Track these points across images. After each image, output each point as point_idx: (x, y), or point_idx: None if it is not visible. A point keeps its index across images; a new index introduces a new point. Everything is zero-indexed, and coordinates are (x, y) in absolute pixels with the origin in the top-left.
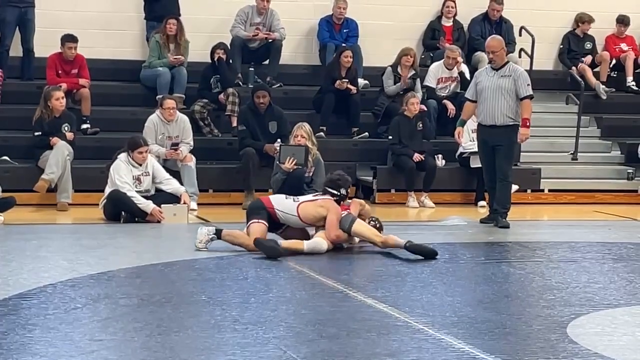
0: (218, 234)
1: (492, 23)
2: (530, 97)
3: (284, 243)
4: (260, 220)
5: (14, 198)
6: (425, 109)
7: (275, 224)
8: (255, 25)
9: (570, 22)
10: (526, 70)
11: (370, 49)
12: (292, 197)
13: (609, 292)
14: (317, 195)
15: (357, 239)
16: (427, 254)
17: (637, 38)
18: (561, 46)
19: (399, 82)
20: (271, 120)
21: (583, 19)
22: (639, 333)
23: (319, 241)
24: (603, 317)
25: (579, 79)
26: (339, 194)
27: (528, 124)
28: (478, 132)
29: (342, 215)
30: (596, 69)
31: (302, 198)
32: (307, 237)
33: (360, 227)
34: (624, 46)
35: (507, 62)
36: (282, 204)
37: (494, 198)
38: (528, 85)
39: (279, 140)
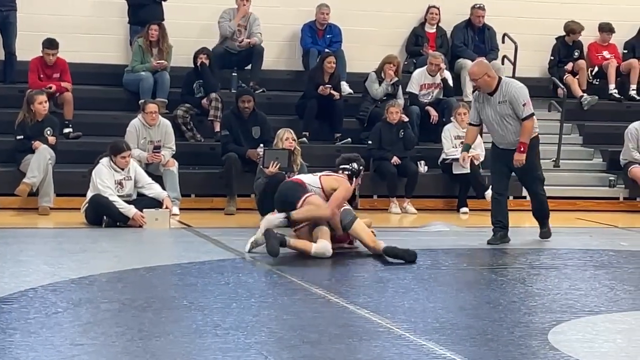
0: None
1: (476, 30)
2: (531, 117)
3: (293, 241)
4: (311, 193)
5: None
6: (407, 119)
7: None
8: (238, 27)
9: (553, 29)
10: (508, 76)
11: (354, 54)
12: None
13: (590, 299)
14: (334, 173)
15: (356, 242)
16: (406, 257)
17: (619, 46)
18: (552, 57)
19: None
20: (255, 125)
21: (574, 30)
22: (620, 340)
23: (326, 246)
24: (584, 324)
25: (562, 85)
26: (350, 167)
27: (522, 148)
28: (493, 149)
29: (346, 208)
30: (576, 77)
31: (319, 173)
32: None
33: (359, 227)
34: (606, 54)
35: (499, 81)
36: (307, 178)
37: (497, 210)
38: (524, 105)
39: (261, 145)
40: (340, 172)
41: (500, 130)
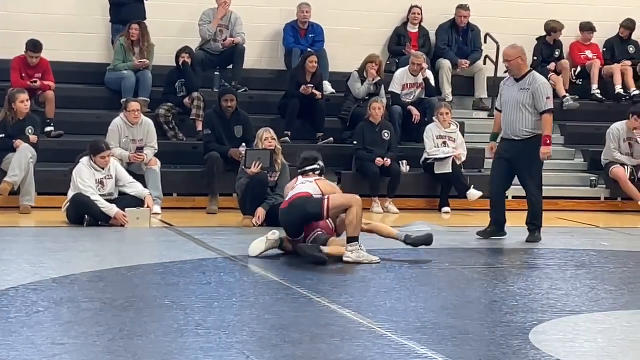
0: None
1: (460, 31)
2: (551, 112)
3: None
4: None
5: None
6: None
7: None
8: (220, 27)
9: (535, 29)
10: (490, 77)
11: (336, 54)
12: (298, 182)
13: (571, 298)
14: (302, 178)
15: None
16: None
17: (602, 45)
18: (535, 58)
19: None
20: (237, 124)
21: (555, 29)
22: (601, 339)
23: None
24: (565, 323)
25: None
26: (320, 166)
27: (549, 141)
28: (499, 144)
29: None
30: (559, 77)
31: (312, 179)
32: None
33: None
34: (589, 53)
35: (530, 71)
36: (308, 188)
37: (496, 209)
38: (548, 98)
39: (243, 144)
40: (311, 173)
41: (513, 116)
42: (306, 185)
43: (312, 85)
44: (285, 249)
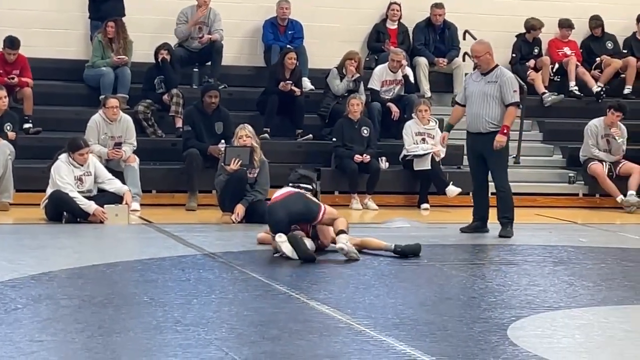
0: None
1: (436, 29)
2: (517, 105)
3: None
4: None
5: None
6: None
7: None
8: (198, 25)
9: (514, 26)
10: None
11: (316, 50)
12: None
13: (549, 294)
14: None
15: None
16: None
17: (580, 42)
18: (514, 55)
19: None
20: (218, 120)
21: (535, 26)
22: (579, 335)
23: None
24: (543, 319)
25: (522, 82)
26: (313, 188)
27: (506, 131)
28: (466, 140)
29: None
30: (538, 73)
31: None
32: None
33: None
34: (567, 50)
35: (496, 66)
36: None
37: (478, 205)
38: (515, 91)
39: (223, 141)
40: (303, 190)
41: (479, 109)
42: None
43: (291, 82)
44: (266, 242)
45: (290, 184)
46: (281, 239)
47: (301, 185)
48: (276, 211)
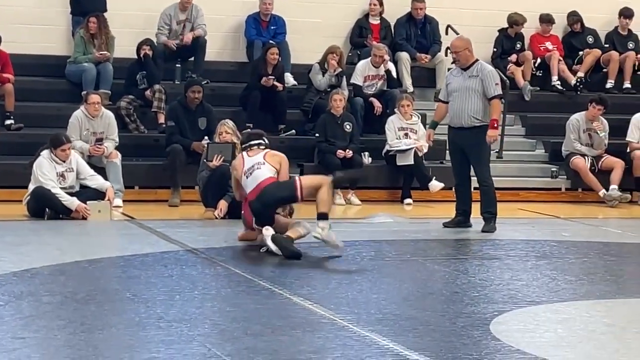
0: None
1: (418, 23)
2: (500, 97)
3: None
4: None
5: None
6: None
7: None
8: (181, 23)
9: (496, 21)
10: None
11: (298, 46)
12: (253, 167)
13: (531, 289)
14: (249, 157)
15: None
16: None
17: (562, 37)
18: (495, 49)
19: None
20: (201, 116)
21: (518, 22)
22: (561, 330)
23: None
24: (526, 314)
25: (504, 77)
26: (265, 142)
27: (496, 125)
28: (448, 134)
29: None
30: (520, 68)
31: (259, 156)
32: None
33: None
34: (549, 45)
35: (476, 61)
36: (267, 171)
37: (460, 200)
38: (497, 84)
39: (206, 137)
40: (256, 147)
41: (462, 104)
42: (262, 170)
43: (273, 77)
44: (248, 239)
45: (243, 147)
46: (268, 232)
47: (252, 143)
48: (255, 208)
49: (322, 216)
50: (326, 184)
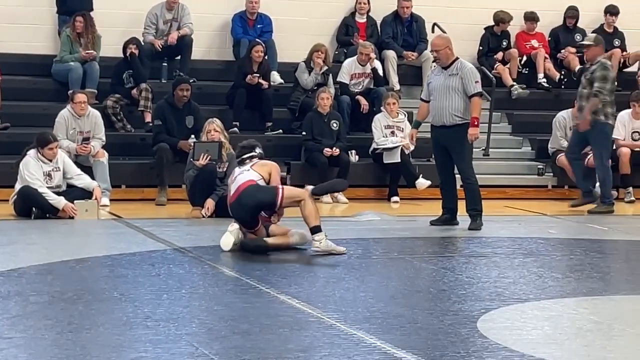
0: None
1: (404, 22)
2: (480, 95)
3: (270, 240)
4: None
5: None
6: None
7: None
8: (167, 22)
9: (482, 19)
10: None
11: (285, 44)
12: (237, 174)
13: (518, 286)
14: (245, 165)
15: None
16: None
17: (547, 34)
18: (480, 47)
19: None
20: (188, 114)
21: (504, 20)
22: (548, 327)
23: (303, 234)
24: (513, 311)
25: (490, 75)
26: (258, 153)
27: (477, 123)
28: (431, 133)
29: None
30: (506, 66)
31: (247, 166)
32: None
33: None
34: (534, 43)
35: (456, 59)
36: (251, 175)
37: (447, 198)
38: (477, 82)
39: (192, 136)
40: (248, 160)
41: (443, 102)
42: (244, 175)
43: (258, 75)
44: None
45: (237, 161)
46: (232, 227)
47: (244, 157)
48: (235, 211)
49: (316, 229)
50: (307, 198)
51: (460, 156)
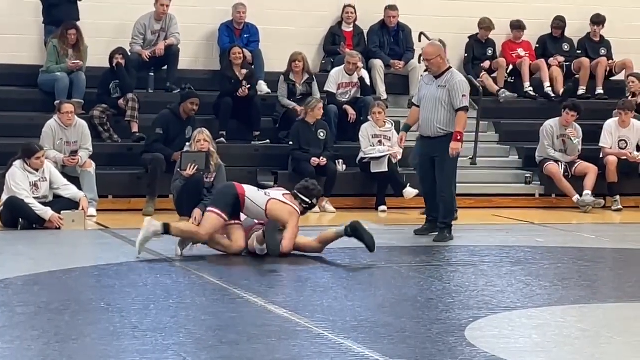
0: (166, 228)
1: (390, 31)
2: (466, 109)
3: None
4: (220, 213)
5: None
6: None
7: (235, 211)
8: (156, 33)
9: (469, 29)
10: (423, 75)
11: (272, 54)
12: (263, 190)
13: (506, 295)
14: (286, 195)
15: None
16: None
17: (534, 43)
18: (466, 55)
19: (293, 89)
20: (188, 125)
21: (489, 27)
22: (536, 335)
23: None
24: (501, 320)
25: (477, 83)
26: (309, 202)
27: (459, 137)
28: (416, 142)
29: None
30: (493, 75)
31: (272, 193)
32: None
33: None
34: (520, 51)
35: (448, 69)
36: (253, 194)
37: (430, 207)
38: (464, 96)
39: (187, 144)
40: (294, 197)
41: (430, 113)
42: (255, 192)
43: (248, 85)
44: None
45: (294, 191)
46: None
47: (299, 195)
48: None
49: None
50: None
51: (440, 169)
